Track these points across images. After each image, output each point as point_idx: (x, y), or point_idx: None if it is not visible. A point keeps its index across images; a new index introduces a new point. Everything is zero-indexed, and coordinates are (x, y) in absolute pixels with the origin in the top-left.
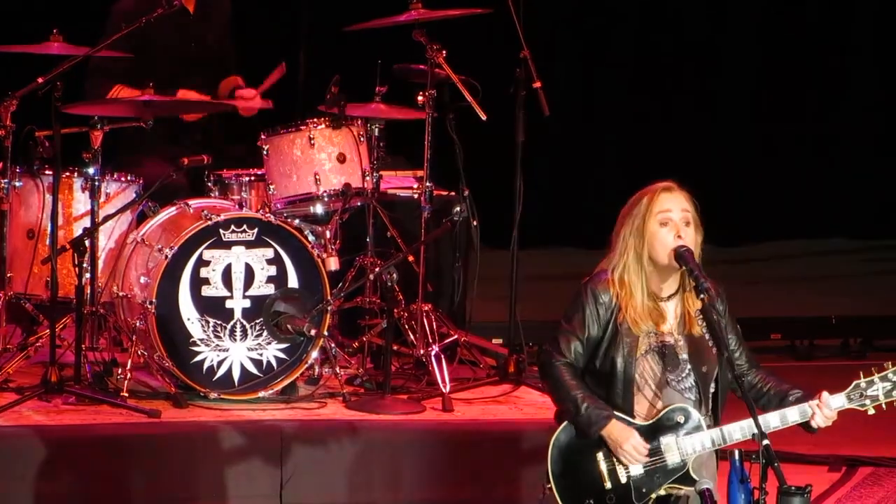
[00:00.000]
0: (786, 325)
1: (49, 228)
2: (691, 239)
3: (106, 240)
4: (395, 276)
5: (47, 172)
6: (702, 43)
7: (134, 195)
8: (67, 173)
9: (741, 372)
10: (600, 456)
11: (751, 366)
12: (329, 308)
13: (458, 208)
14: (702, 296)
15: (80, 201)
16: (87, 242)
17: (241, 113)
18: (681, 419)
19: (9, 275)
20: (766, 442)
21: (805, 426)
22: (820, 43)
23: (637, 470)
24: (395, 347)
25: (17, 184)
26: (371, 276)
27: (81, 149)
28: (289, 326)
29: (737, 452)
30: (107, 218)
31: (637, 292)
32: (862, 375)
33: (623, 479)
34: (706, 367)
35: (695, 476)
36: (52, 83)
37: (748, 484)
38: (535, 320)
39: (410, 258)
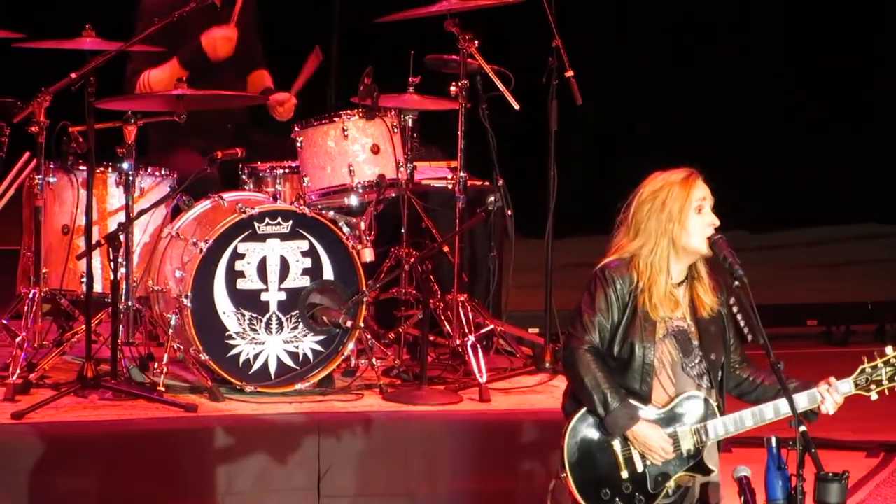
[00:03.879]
0: (822, 311)
1: (84, 224)
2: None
3: (141, 234)
4: (429, 266)
5: (81, 168)
6: (733, 30)
7: (168, 189)
8: (101, 168)
9: (735, 364)
10: (616, 445)
11: (743, 360)
12: (364, 299)
13: (492, 198)
14: (736, 283)
15: (115, 196)
16: (121, 237)
17: (278, 118)
18: (694, 407)
19: (44, 271)
20: (803, 428)
21: (809, 414)
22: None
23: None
24: (431, 338)
25: (52, 179)
26: (406, 267)
27: (115, 144)
28: (325, 318)
29: (774, 439)
30: (141, 212)
31: (662, 277)
32: (866, 360)
33: (640, 468)
34: (714, 355)
35: (709, 465)
36: (86, 78)
37: (786, 471)
38: (570, 309)
39: (445, 248)
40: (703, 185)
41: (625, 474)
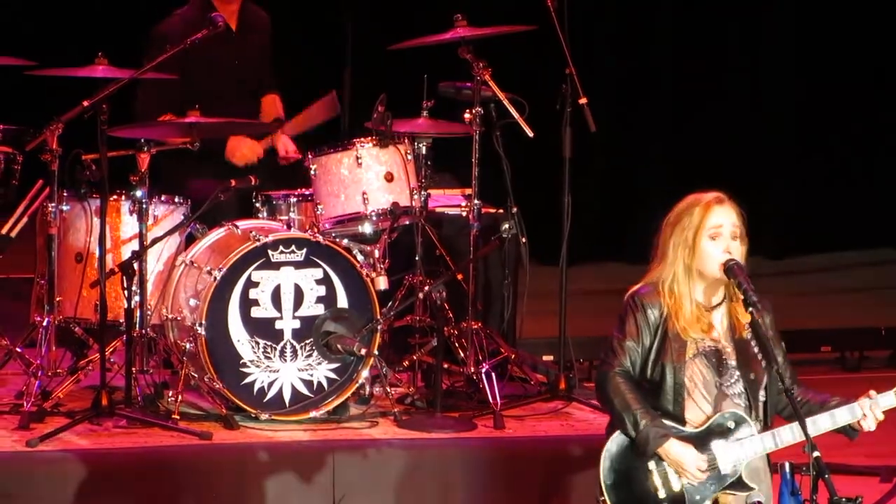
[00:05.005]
0: (835, 337)
1: (97, 252)
2: (738, 252)
3: (154, 262)
4: (443, 294)
5: (94, 196)
6: (743, 52)
7: (182, 217)
8: (115, 196)
9: (789, 385)
10: (652, 465)
11: (793, 381)
12: (379, 327)
13: (506, 225)
14: (750, 310)
15: (128, 224)
16: (135, 265)
17: (280, 161)
18: (731, 425)
19: (58, 299)
20: (816, 454)
21: (848, 431)
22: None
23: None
24: (445, 366)
25: (65, 208)
26: (420, 295)
27: (128, 172)
28: (339, 346)
29: (787, 465)
30: (155, 240)
31: (685, 302)
32: None
33: (676, 488)
34: (754, 375)
35: (748, 482)
36: (98, 106)
37: (799, 496)
38: (584, 336)
39: (459, 276)
40: (724, 211)
41: (662, 494)
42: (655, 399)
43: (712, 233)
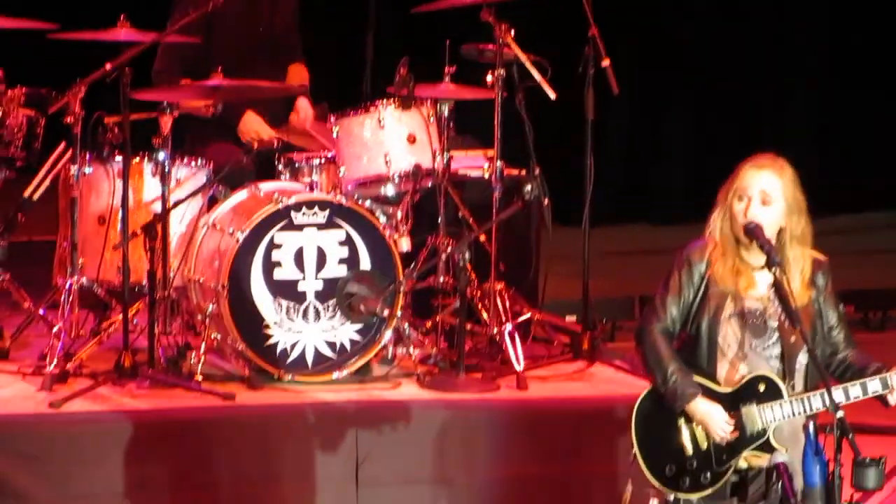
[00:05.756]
0: (859, 297)
1: (120, 214)
2: (765, 217)
3: (177, 224)
4: (467, 255)
5: (117, 158)
6: (770, 9)
7: (204, 179)
8: (137, 159)
9: (836, 349)
10: (682, 422)
11: (847, 344)
12: (402, 288)
13: (529, 187)
14: (773, 269)
15: (151, 186)
16: (158, 227)
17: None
18: (762, 387)
19: (80, 261)
20: (840, 414)
21: (882, 399)
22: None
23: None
24: (468, 327)
25: (87, 170)
26: (443, 256)
27: (151, 134)
28: (362, 307)
29: (811, 425)
30: (177, 202)
31: (728, 253)
32: None
33: (704, 446)
34: (795, 338)
35: (776, 445)
36: (121, 69)
37: (823, 456)
38: (607, 297)
39: (482, 238)
40: (755, 174)
41: (689, 451)
42: (691, 356)
43: (740, 194)
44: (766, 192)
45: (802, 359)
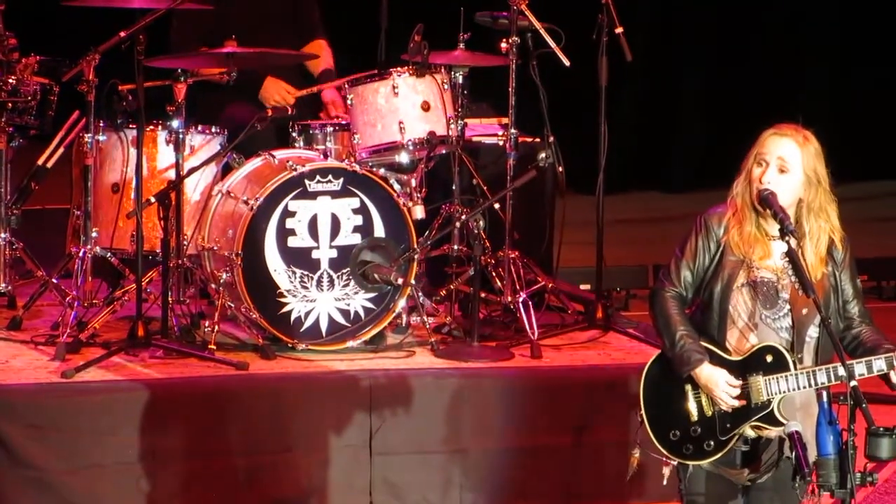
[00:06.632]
0: (871, 267)
1: (134, 182)
2: (779, 185)
3: (191, 192)
4: (481, 223)
5: (131, 126)
6: None
7: (218, 147)
8: (151, 127)
9: (850, 324)
10: (688, 388)
11: (862, 320)
12: (416, 256)
13: (543, 154)
14: (786, 238)
15: (165, 154)
16: (172, 195)
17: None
18: (769, 358)
19: (94, 229)
20: (853, 383)
21: (886, 379)
22: None
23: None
24: (482, 295)
25: (101, 138)
26: (458, 224)
27: (165, 102)
28: (376, 276)
29: (824, 394)
30: (191, 170)
31: (746, 220)
32: None
33: (709, 413)
34: (807, 310)
35: (780, 417)
36: (135, 37)
37: (836, 425)
38: (621, 265)
39: (496, 205)
40: (774, 141)
41: (695, 417)
42: (703, 322)
43: (759, 159)
44: (785, 159)
45: (813, 332)
